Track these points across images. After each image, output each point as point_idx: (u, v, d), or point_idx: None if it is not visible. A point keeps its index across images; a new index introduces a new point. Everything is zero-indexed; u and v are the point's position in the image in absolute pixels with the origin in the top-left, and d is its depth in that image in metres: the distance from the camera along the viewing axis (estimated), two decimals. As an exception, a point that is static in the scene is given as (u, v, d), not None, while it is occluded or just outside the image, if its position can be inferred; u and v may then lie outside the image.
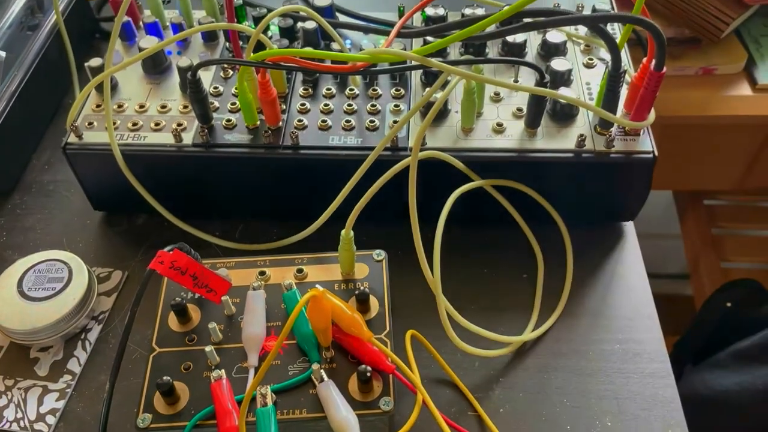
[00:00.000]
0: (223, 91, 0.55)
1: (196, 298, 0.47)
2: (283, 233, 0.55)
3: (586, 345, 0.49)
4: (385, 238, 0.51)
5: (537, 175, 0.52)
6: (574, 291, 0.52)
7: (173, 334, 0.45)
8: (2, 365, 0.49)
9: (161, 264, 0.42)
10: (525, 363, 0.48)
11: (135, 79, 0.57)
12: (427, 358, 0.48)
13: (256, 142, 0.51)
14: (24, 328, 0.47)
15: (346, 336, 0.43)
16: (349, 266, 0.47)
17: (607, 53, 0.56)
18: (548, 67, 0.53)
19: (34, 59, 0.63)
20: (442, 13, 0.58)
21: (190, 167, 0.53)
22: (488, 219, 0.55)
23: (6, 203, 0.60)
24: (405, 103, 0.54)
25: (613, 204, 0.55)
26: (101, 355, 0.50)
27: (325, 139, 0.52)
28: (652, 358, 0.48)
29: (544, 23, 0.45)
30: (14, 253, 0.56)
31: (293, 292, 0.46)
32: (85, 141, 0.52)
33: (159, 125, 0.53)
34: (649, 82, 0.47)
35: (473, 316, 0.49)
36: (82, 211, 0.59)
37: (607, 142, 0.50)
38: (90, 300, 0.50)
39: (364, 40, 0.58)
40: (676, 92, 0.75)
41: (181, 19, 0.59)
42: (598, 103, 0.50)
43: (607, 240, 0.55)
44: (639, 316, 0.50)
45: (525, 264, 0.54)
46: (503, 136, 0.51)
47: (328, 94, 0.55)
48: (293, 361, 0.44)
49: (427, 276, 0.44)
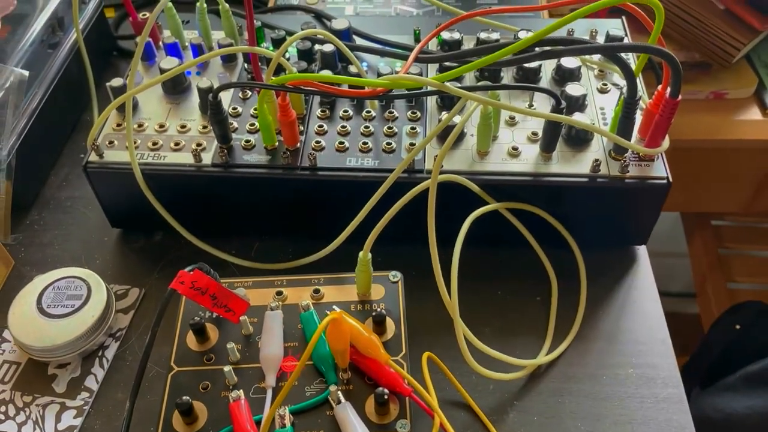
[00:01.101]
0: (242, 112, 0.56)
1: (214, 316, 0.47)
2: (298, 251, 0.56)
3: (599, 369, 0.49)
4: (400, 258, 0.52)
5: (551, 198, 0.52)
6: (588, 314, 0.52)
7: (191, 353, 0.46)
8: (20, 381, 0.49)
9: (182, 284, 0.43)
10: (539, 387, 0.48)
11: (155, 98, 0.58)
12: (442, 379, 0.48)
13: (275, 162, 0.52)
14: (43, 345, 0.48)
15: (363, 358, 0.43)
16: (365, 287, 0.48)
17: (620, 78, 0.57)
18: (563, 92, 0.54)
19: (54, 77, 0.64)
20: (457, 38, 0.59)
21: (208, 186, 0.53)
22: (502, 241, 0.56)
23: (24, 219, 0.61)
24: (421, 126, 0.54)
25: (625, 228, 0.55)
26: (118, 372, 0.50)
27: (343, 160, 0.52)
28: (666, 383, 0.48)
29: (562, 52, 0.45)
30: (32, 269, 0.57)
31: (310, 313, 0.46)
32: (105, 160, 0.53)
33: (179, 145, 0.53)
34: (665, 110, 0.47)
35: (487, 338, 0.50)
36: (99, 227, 0.59)
37: (621, 167, 0.50)
38: (108, 317, 0.51)
39: (381, 63, 0.59)
40: (687, 116, 0.75)
41: (200, 40, 0.60)
42: (613, 129, 0.51)
43: (621, 264, 0.56)
44: (653, 340, 0.51)
45: (538, 286, 0.54)
46: (518, 159, 0.52)
47: (345, 116, 0.55)
48: (310, 382, 0.44)
49: (445, 299, 0.45)
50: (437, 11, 0.73)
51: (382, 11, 0.74)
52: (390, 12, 0.73)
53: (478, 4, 0.74)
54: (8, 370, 0.50)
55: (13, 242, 0.59)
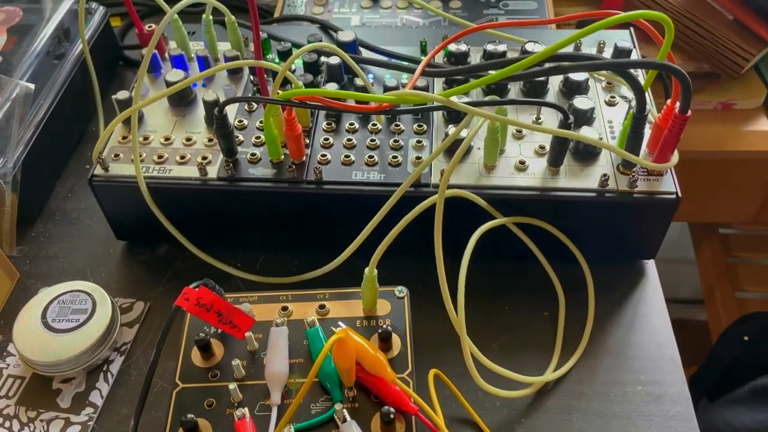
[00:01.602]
0: (247, 125, 0.56)
1: (219, 332, 0.47)
2: (303, 264, 0.56)
3: (607, 386, 0.49)
4: (405, 271, 0.52)
5: (559, 213, 0.52)
6: (596, 330, 0.52)
7: (196, 369, 0.45)
8: (25, 396, 0.49)
9: (187, 301, 0.42)
10: (546, 404, 0.48)
11: (160, 111, 0.57)
12: (449, 395, 0.48)
13: (280, 176, 0.52)
14: (47, 360, 0.48)
15: (369, 375, 0.43)
16: (371, 303, 0.48)
17: (628, 91, 0.57)
18: (571, 106, 0.53)
19: (60, 88, 0.64)
20: (464, 50, 0.58)
21: (214, 200, 0.53)
22: (509, 255, 0.55)
23: (30, 231, 0.61)
24: (427, 139, 0.54)
25: (634, 242, 0.55)
26: (123, 387, 0.50)
27: (348, 174, 0.52)
28: (674, 401, 0.48)
29: (570, 68, 0.45)
30: (37, 282, 0.57)
31: (316, 330, 0.46)
32: (111, 173, 0.53)
33: (184, 158, 0.53)
34: (674, 125, 0.47)
35: (494, 354, 0.49)
36: (104, 239, 0.59)
37: (630, 182, 0.50)
38: (113, 332, 0.51)
39: (387, 75, 0.59)
40: (695, 127, 0.74)
41: (206, 52, 0.60)
42: (621, 143, 0.51)
43: (629, 278, 0.55)
44: (661, 357, 0.50)
45: (546, 302, 0.54)
46: (525, 174, 0.51)
47: (351, 129, 0.55)
48: (315, 400, 0.44)
49: (452, 317, 0.44)
50: (444, 21, 0.73)
51: (388, 21, 0.73)
52: (396, 22, 0.73)
53: (484, 14, 0.73)
54: (13, 384, 0.50)
55: (18, 254, 0.59)
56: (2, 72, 0.61)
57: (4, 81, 0.58)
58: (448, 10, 0.74)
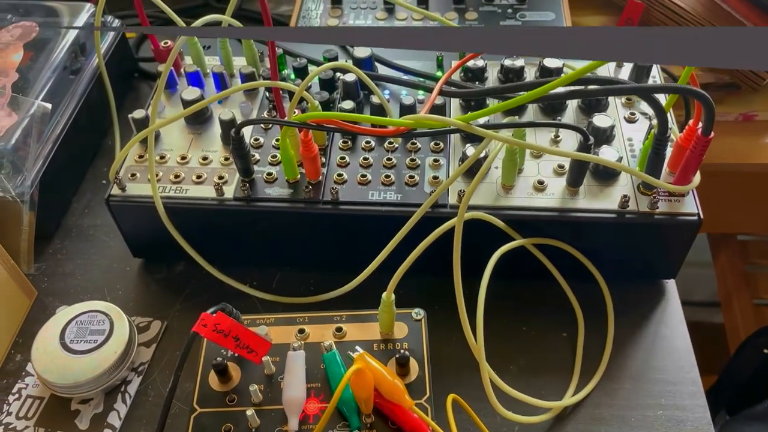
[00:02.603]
0: (263, 143, 0.55)
1: (236, 355, 0.47)
2: (319, 283, 0.55)
3: (627, 411, 0.48)
4: (422, 291, 0.51)
5: (578, 234, 0.51)
6: (615, 352, 0.51)
7: (214, 393, 0.45)
8: (44, 417, 0.49)
9: (204, 327, 0.42)
10: (565, 429, 0.47)
11: (176, 128, 0.57)
12: (466, 419, 0.47)
13: (297, 196, 0.52)
14: (66, 382, 0.48)
15: (387, 402, 0.43)
16: (388, 327, 0.47)
17: (648, 107, 0.56)
18: (590, 124, 0.52)
19: (76, 104, 0.64)
20: (481, 65, 0.58)
21: (230, 220, 0.53)
22: (526, 274, 0.55)
23: (47, 248, 0.61)
24: (444, 158, 0.54)
25: (654, 263, 0.54)
26: (141, 408, 0.50)
27: (365, 194, 0.52)
28: (696, 426, 0.47)
29: (595, 92, 0.44)
30: (55, 300, 0.57)
31: (333, 354, 0.46)
32: (128, 193, 0.53)
33: (201, 178, 0.53)
34: (696, 146, 0.46)
35: (513, 377, 0.49)
36: (121, 257, 0.59)
37: (651, 203, 0.49)
38: (131, 353, 0.51)
39: (404, 92, 0.59)
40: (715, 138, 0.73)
41: (222, 69, 0.59)
42: (642, 164, 0.50)
43: (649, 299, 0.54)
44: (683, 381, 0.49)
45: (564, 322, 0.53)
46: (544, 194, 0.51)
47: (367, 147, 0.55)
48: (333, 426, 0.43)
49: (471, 342, 0.44)
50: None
51: (403, 33, 0.73)
52: (412, 34, 0.73)
53: (500, 26, 0.73)
54: (31, 405, 0.50)
55: (36, 272, 0.59)
56: (20, 89, 0.61)
57: (22, 101, 0.58)
58: (464, 21, 0.73)
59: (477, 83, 0.58)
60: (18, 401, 0.50)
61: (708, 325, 1.26)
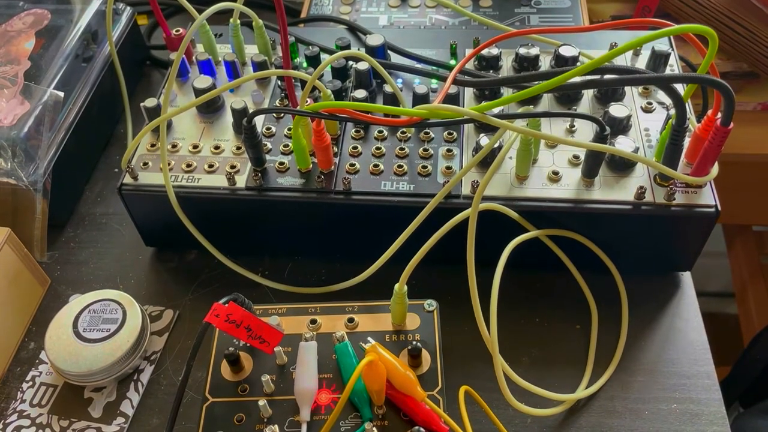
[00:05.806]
0: (275, 132, 0.55)
1: (249, 345, 0.47)
2: (331, 273, 0.55)
3: (641, 404, 0.48)
4: (434, 281, 0.51)
5: (593, 226, 0.51)
6: (629, 345, 0.51)
7: (226, 383, 0.45)
8: (57, 405, 0.50)
9: (217, 317, 0.42)
10: (578, 422, 0.47)
11: (188, 117, 0.57)
12: (478, 411, 0.47)
13: (309, 186, 0.51)
14: (79, 370, 0.48)
15: (399, 393, 0.43)
16: (400, 318, 0.47)
17: (665, 96, 0.55)
18: (606, 114, 0.52)
19: (89, 92, 0.64)
20: (495, 53, 0.57)
21: (242, 209, 0.53)
22: (539, 265, 0.54)
23: (60, 236, 0.61)
24: (458, 147, 0.53)
25: (670, 254, 0.53)
26: (153, 397, 0.50)
27: (377, 184, 0.51)
28: (711, 420, 0.47)
29: (613, 82, 0.44)
30: (68, 288, 0.57)
31: (345, 345, 0.45)
32: (140, 182, 0.53)
33: (212, 167, 0.53)
34: (715, 137, 0.45)
35: (526, 369, 0.49)
36: (133, 245, 0.59)
37: (667, 194, 0.48)
38: (143, 341, 0.51)
39: (417, 81, 0.58)
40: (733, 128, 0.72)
41: (233, 57, 0.59)
42: (659, 155, 0.49)
43: (664, 291, 0.54)
44: (697, 374, 0.49)
45: (578, 314, 0.52)
46: (559, 185, 0.50)
47: (380, 137, 0.54)
48: (345, 417, 0.43)
49: (484, 335, 0.44)
50: (473, 21, 0.71)
51: (416, 21, 0.72)
52: (425, 22, 0.72)
53: (515, 13, 0.72)
54: (45, 392, 0.50)
55: (49, 260, 0.59)
56: (32, 77, 0.61)
57: (34, 89, 0.58)
58: (479, 9, 0.72)
59: (491, 72, 0.57)
60: (32, 389, 0.51)
61: (722, 316, 1.25)
